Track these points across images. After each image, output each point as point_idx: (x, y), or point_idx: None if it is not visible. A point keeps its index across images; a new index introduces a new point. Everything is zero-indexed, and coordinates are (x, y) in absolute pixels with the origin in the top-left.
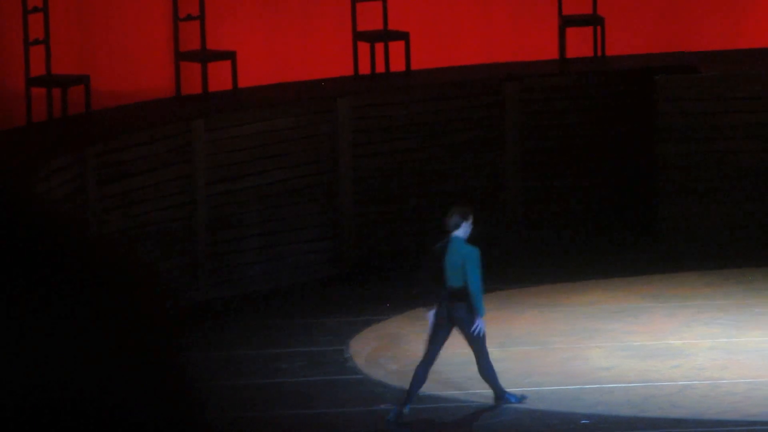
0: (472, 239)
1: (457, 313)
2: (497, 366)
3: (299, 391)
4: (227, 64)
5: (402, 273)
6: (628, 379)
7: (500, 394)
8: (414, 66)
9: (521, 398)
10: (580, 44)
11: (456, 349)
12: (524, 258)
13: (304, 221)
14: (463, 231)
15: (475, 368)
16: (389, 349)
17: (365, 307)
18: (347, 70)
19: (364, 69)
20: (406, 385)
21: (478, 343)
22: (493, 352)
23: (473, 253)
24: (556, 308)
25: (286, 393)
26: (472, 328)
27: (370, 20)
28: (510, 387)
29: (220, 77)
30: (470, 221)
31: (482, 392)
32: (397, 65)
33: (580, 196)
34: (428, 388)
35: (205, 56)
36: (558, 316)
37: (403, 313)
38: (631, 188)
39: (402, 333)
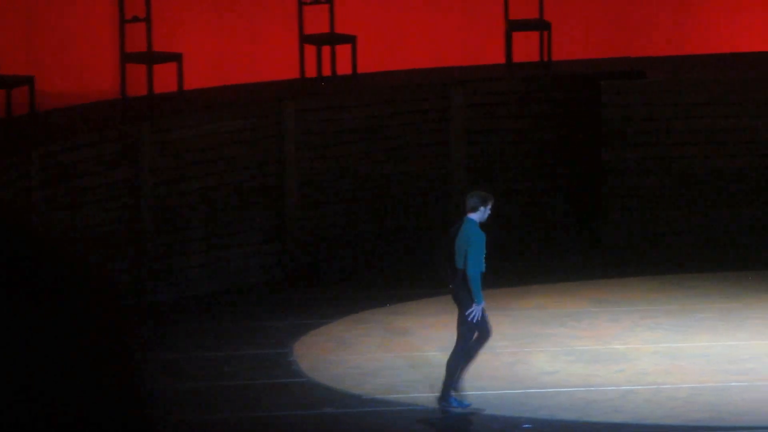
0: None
1: (460, 294)
2: (440, 370)
3: (243, 394)
4: (173, 66)
5: (347, 276)
6: (571, 383)
7: (446, 394)
8: (361, 69)
9: (465, 405)
10: (526, 49)
11: (400, 352)
12: None
13: (249, 224)
14: (479, 215)
15: (421, 371)
16: (334, 353)
17: (310, 310)
18: (294, 73)
19: (311, 72)
20: (351, 389)
21: (465, 331)
22: (438, 356)
23: (477, 237)
24: (501, 312)
25: (230, 396)
26: (467, 312)
27: (317, 23)
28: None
29: (165, 79)
30: (489, 207)
31: (427, 395)
32: (344, 68)
33: (525, 201)
34: (370, 391)
35: (151, 58)
36: (503, 321)
37: (348, 316)
38: (576, 193)
39: (347, 336)
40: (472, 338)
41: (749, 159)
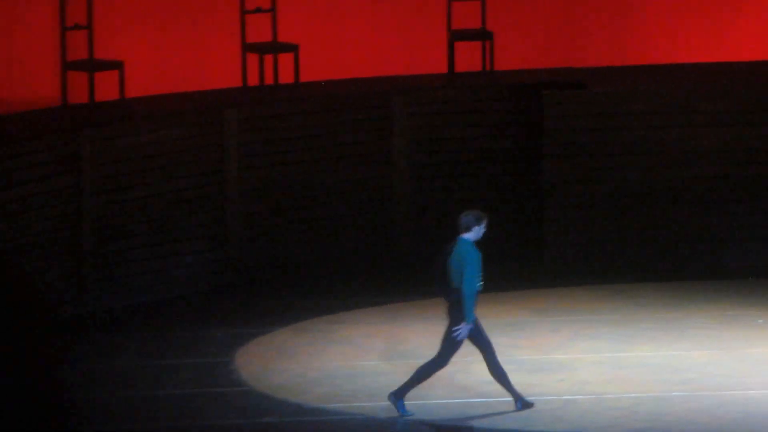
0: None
1: (451, 312)
2: (381, 380)
3: (184, 403)
4: (115, 73)
5: (290, 285)
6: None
7: (401, 392)
8: (303, 78)
9: (409, 413)
10: (469, 58)
11: (341, 362)
12: (412, 271)
13: (191, 232)
14: (473, 234)
15: (363, 380)
16: (276, 362)
17: (252, 319)
18: (236, 82)
19: (253, 80)
20: (292, 398)
21: (446, 346)
22: (379, 365)
23: (471, 256)
24: (443, 322)
25: (170, 405)
26: (454, 329)
27: (259, 32)
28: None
29: (107, 87)
30: (483, 226)
31: (370, 405)
32: (286, 77)
33: (466, 209)
34: (312, 400)
35: (92, 66)
36: (444, 330)
37: (290, 325)
38: (519, 203)
39: (289, 345)
40: (452, 354)
41: (690, 170)
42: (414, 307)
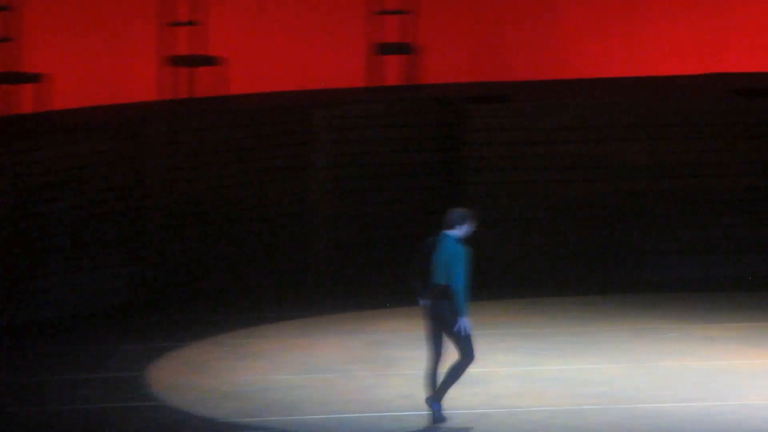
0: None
1: (440, 311)
2: (295, 394)
3: (95, 418)
4: (37, 86)
5: (205, 299)
6: (426, 407)
7: (436, 398)
8: (226, 91)
9: (444, 417)
10: (392, 72)
11: (255, 376)
12: (329, 284)
13: (107, 246)
14: (459, 231)
15: (276, 394)
16: (188, 376)
17: (166, 333)
18: (160, 94)
19: (177, 93)
20: (204, 412)
21: (463, 341)
22: (294, 379)
23: (460, 252)
24: (358, 336)
25: (81, 420)
26: (455, 328)
27: (183, 44)
28: (309, 415)
29: (29, 100)
30: (469, 225)
31: (282, 419)
32: (210, 90)
33: (387, 223)
34: (225, 415)
35: (12, 78)
36: (360, 344)
37: (204, 340)
38: (441, 216)
39: (202, 360)
40: (472, 344)
41: (611, 183)
42: (329, 321)
